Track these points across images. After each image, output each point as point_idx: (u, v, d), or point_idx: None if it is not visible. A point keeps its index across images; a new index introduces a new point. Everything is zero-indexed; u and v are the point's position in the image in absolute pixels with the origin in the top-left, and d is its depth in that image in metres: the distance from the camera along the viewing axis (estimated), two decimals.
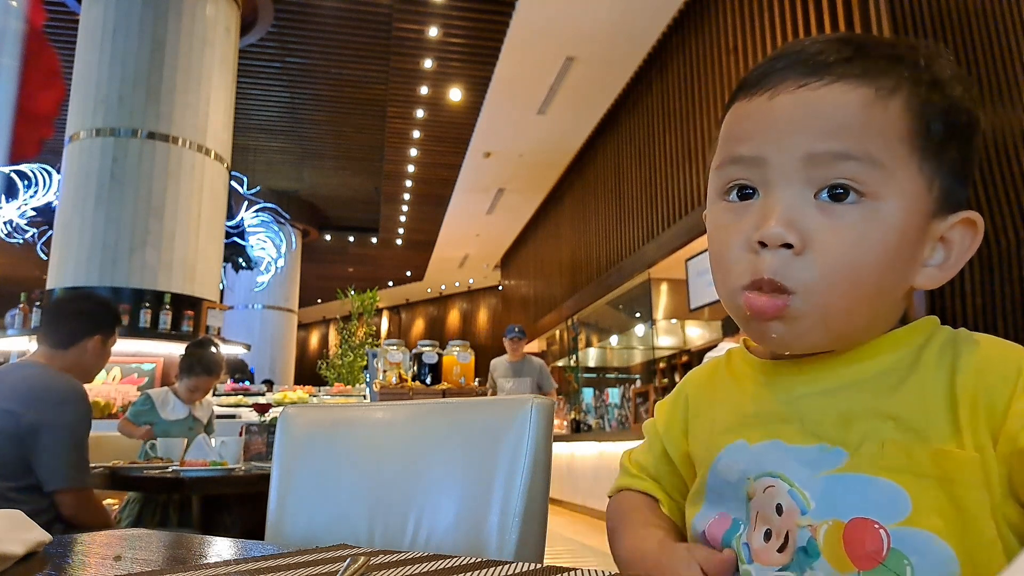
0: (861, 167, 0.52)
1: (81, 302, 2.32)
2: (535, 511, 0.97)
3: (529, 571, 0.55)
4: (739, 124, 0.58)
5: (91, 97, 5.04)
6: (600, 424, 8.11)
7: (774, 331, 0.54)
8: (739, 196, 0.57)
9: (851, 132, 0.52)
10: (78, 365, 2.12)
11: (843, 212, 0.52)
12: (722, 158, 0.58)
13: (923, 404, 0.52)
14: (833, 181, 0.52)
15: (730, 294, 0.56)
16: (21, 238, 6.58)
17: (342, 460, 1.14)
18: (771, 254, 0.53)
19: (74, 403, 1.97)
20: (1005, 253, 3.10)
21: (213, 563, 0.63)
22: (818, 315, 0.53)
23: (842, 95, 0.53)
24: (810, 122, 0.53)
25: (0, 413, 1.87)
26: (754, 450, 0.57)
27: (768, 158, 0.54)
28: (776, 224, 0.52)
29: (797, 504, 0.53)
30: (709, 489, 0.61)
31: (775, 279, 0.52)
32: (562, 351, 9.98)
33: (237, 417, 4.87)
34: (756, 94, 0.57)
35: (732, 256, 0.56)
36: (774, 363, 0.61)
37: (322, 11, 6.58)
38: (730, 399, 0.63)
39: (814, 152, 0.52)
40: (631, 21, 6.12)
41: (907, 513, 0.49)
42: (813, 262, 0.52)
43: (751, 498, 0.56)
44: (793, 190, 0.53)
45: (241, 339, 6.16)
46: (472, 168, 9.29)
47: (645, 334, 7.85)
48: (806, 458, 0.54)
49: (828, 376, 0.56)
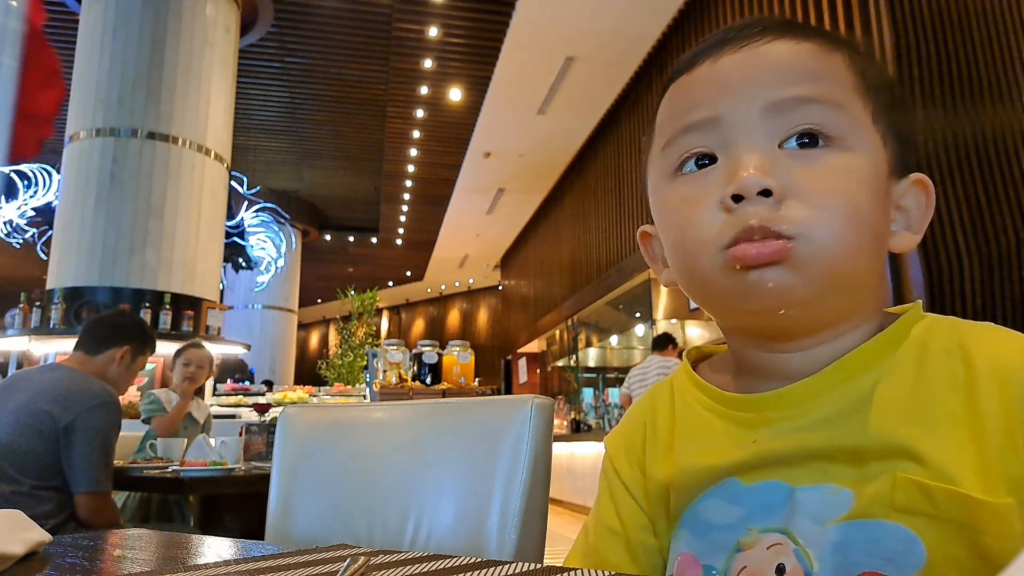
0: (825, 111, 0.49)
1: (119, 316, 2.45)
2: (535, 511, 0.97)
3: (529, 571, 0.55)
4: (683, 96, 0.54)
5: (91, 97, 5.04)
6: (600, 424, 8.11)
7: (772, 280, 0.47)
8: (697, 166, 0.52)
9: (809, 77, 0.50)
10: (105, 374, 2.18)
11: (815, 156, 0.48)
12: (669, 134, 0.54)
13: (938, 428, 0.45)
14: (799, 127, 0.49)
15: (707, 263, 0.49)
16: (21, 238, 6.58)
17: (342, 460, 1.14)
18: (751, 205, 0.47)
19: (107, 407, 2.01)
20: (1005, 253, 3.10)
21: (213, 563, 0.63)
22: (824, 254, 0.46)
23: (791, 46, 0.51)
24: (766, 71, 0.50)
25: (39, 413, 1.92)
26: (751, 492, 0.50)
27: (724, 116, 0.50)
28: (750, 172, 0.47)
29: (802, 567, 0.46)
30: (684, 523, 0.54)
31: (767, 226, 0.46)
32: (562, 351, 9.98)
33: (237, 417, 4.87)
34: (695, 66, 0.54)
35: (702, 222, 0.50)
36: (751, 397, 0.53)
37: (322, 11, 6.58)
38: (702, 431, 0.55)
39: (775, 100, 0.49)
40: (631, 21, 6.12)
41: (921, 564, 0.43)
42: (801, 203, 0.47)
43: (743, 550, 0.49)
44: (757, 142, 0.49)
45: (241, 339, 6.15)
46: (472, 168, 9.29)
47: (645, 334, 7.84)
48: (812, 504, 0.47)
49: (819, 402, 0.49)
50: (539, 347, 11.26)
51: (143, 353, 2.30)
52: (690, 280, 0.53)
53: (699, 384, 0.57)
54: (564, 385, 10.11)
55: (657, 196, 0.56)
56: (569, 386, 9.71)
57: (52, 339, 4.71)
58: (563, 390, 10.05)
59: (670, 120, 0.55)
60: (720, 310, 0.54)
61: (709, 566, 0.51)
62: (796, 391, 0.50)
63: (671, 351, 5.19)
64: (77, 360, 2.18)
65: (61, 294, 4.72)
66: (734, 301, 0.50)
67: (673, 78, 0.57)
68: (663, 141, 0.55)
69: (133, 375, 2.30)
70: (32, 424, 1.90)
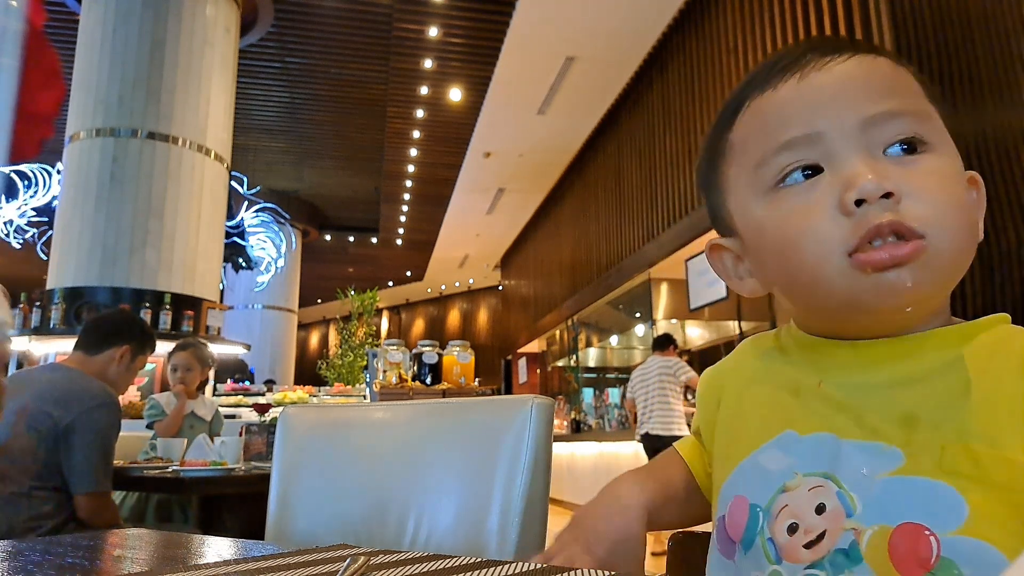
0: (916, 121, 0.52)
1: (118, 315, 2.46)
2: (535, 511, 0.97)
3: (529, 571, 0.55)
4: (772, 115, 0.56)
5: (91, 97, 5.04)
6: (600, 424, 8.11)
7: (911, 279, 0.49)
8: (803, 176, 0.54)
9: (897, 91, 0.53)
10: (105, 374, 2.18)
11: (918, 161, 0.52)
12: (764, 151, 0.55)
13: (994, 411, 0.48)
14: (898, 137, 0.52)
15: (831, 269, 0.51)
16: (21, 238, 6.58)
17: (342, 460, 1.13)
18: (876, 207, 0.50)
19: (107, 408, 2.01)
20: (1005, 253, 3.10)
21: (213, 563, 0.63)
22: (952, 251, 0.50)
23: (870, 62, 0.54)
24: (857, 87, 0.53)
25: (38, 414, 1.92)
26: (805, 442, 0.54)
27: (824, 131, 0.53)
28: (869, 178, 0.50)
29: (844, 506, 0.50)
30: (741, 471, 0.58)
31: (899, 221, 0.49)
32: (562, 351, 9.98)
33: (237, 417, 4.87)
34: (779, 83, 0.56)
35: (820, 228, 0.51)
36: (829, 342, 0.57)
37: (322, 11, 6.58)
38: (776, 381, 0.60)
39: (871, 114, 0.52)
40: (631, 21, 6.12)
41: (963, 521, 0.45)
42: (918, 204, 0.50)
43: (786, 491, 0.53)
44: (863, 152, 0.52)
45: (241, 339, 6.15)
46: (472, 168, 9.29)
47: (645, 334, 7.84)
48: (862, 457, 0.50)
49: (888, 365, 0.53)
50: (539, 347, 11.26)
51: (143, 353, 2.30)
52: (809, 287, 0.54)
53: (795, 334, 0.61)
54: (564, 385, 10.11)
55: (753, 211, 0.57)
56: (569, 386, 9.71)
57: (52, 339, 4.71)
58: (563, 390, 10.05)
59: (760, 138, 0.56)
60: (841, 313, 0.55)
61: (755, 505, 0.55)
62: (872, 348, 0.54)
63: (671, 351, 5.18)
64: (77, 360, 2.17)
65: (61, 294, 4.72)
66: (864, 303, 0.51)
67: (747, 96, 0.58)
68: (754, 159, 0.57)
69: (133, 375, 2.29)
70: (32, 425, 1.90)
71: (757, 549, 0.54)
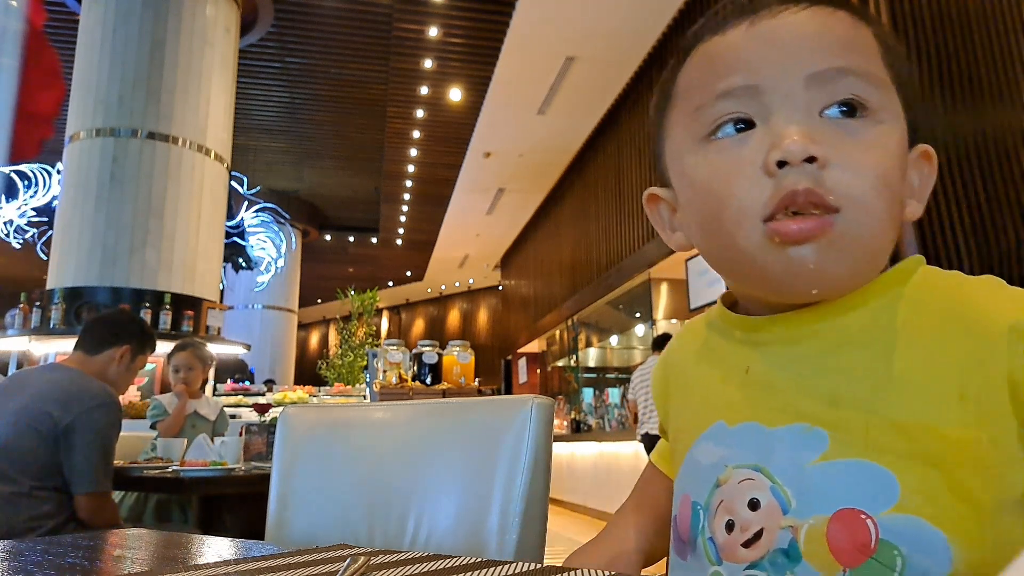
0: (863, 83, 0.49)
1: (118, 315, 2.46)
2: (535, 511, 0.97)
3: (529, 571, 0.55)
4: (717, 60, 0.53)
5: (91, 97, 5.04)
6: (600, 424, 8.11)
7: (812, 260, 0.47)
8: (735, 130, 0.51)
9: (848, 48, 0.50)
10: (105, 374, 2.18)
11: (856, 127, 0.49)
12: (702, 98, 0.52)
13: (923, 371, 0.46)
14: (841, 98, 0.49)
15: (745, 235, 0.49)
16: (21, 238, 6.58)
17: (342, 460, 1.13)
18: (796, 171, 0.47)
19: (107, 408, 2.01)
20: (1005, 253, 3.10)
21: (213, 563, 0.63)
22: (864, 232, 0.47)
23: (827, 16, 0.51)
24: (807, 41, 0.50)
25: (38, 414, 1.92)
26: (733, 433, 0.53)
27: (764, 85, 0.50)
28: (795, 139, 0.47)
29: (779, 502, 0.48)
30: (684, 466, 0.57)
31: (813, 189, 0.46)
32: (562, 351, 9.98)
33: (237, 417, 4.86)
34: (730, 27, 0.52)
35: (741, 190, 0.49)
36: (749, 318, 0.55)
37: (322, 11, 6.58)
38: (711, 367, 0.58)
39: (817, 71, 0.49)
40: (631, 21, 6.12)
41: (896, 499, 0.44)
42: (843, 172, 0.47)
43: (719, 485, 0.52)
44: (800, 111, 0.49)
45: (241, 339, 6.15)
46: (472, 168, 9.29)
47: (645, 334, 7.84)
48: (787, 444, 0.49)
49: (815, 337, 0.51)
50: (539, 347, 11.25)
51: (143, 353, 2.30)
52: (722, 250, 0.52)
53: (722, 313, 0.59)
54: (564, 385, 10.10)
55: (685, 160, 0.55)
56: (569, 386, 9.71)
57: (52, 339, 4.71)
58: (563, 390, 10.05)
59: (702, 83, 0.53)
60: (748, 283, 0.54)
61: (696, 502, 0.54)
62: (800, 317, 0.52)
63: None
64: (77, 360, 2.17)
65: (61, 294, 4.72)
66: (768, 278, 0.50)
67: (700, 38, 0.55)
68: (693, 104, 0.54)
69: (133, 375, 2.29)
70: (32, 425, 1.90)
71: (700, 549, 0.53)
